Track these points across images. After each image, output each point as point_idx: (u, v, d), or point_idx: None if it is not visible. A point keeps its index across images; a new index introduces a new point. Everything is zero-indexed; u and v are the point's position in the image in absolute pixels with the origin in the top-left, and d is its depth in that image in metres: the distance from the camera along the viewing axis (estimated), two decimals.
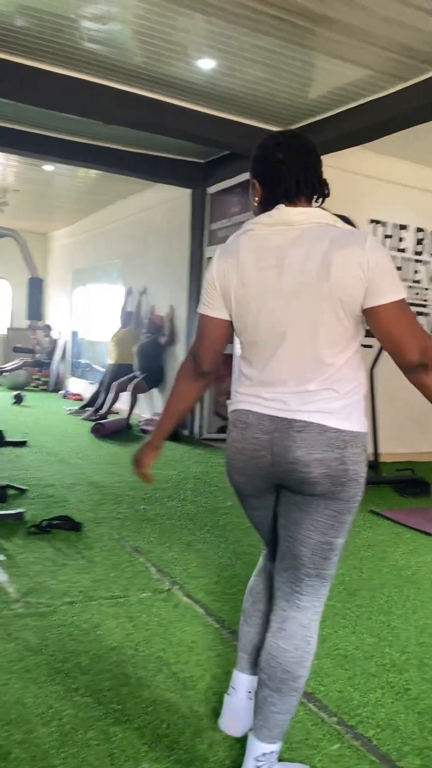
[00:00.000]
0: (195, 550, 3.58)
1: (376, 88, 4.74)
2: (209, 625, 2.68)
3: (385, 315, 1.54)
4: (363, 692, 2.23)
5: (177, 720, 2.01)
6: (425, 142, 5.78)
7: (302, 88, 4.86)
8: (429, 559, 3.67)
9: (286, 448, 1.59)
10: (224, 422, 7.35)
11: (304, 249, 1.56)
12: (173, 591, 3.01)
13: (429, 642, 2.64)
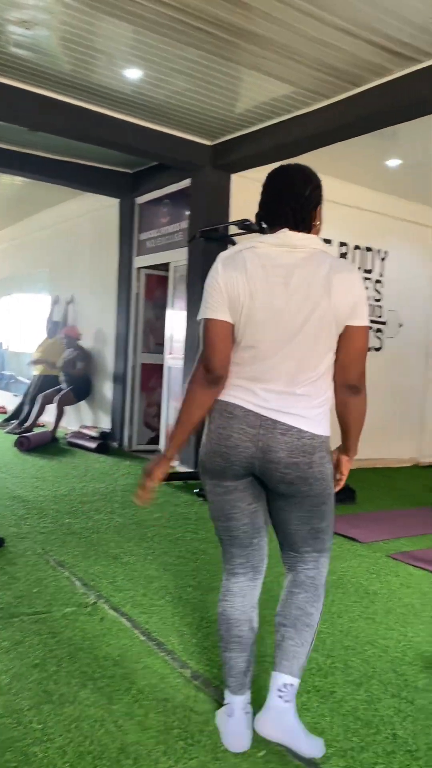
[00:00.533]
0: (122, 563, 3.52)
1: (300, 104, 4.86)
2: (135, 638, 2.63)
3: (358, 334, 1.81)
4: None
5: (101, 736, 1.96)
6: (347, 158, 5.96)
7: (229, 101, 4.93)
8: (354, 564, 3.74)
9: (270, 447, 1.79)
10: (154, 433, 7.30)
11: (309, 270, 1.77)
12: (99, 605, 2.94)
13: (353, 645, 2.68)
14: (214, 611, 2.94)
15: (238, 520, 1.94)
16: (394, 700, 2.27)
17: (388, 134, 5.26)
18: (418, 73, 4.11)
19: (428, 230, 7.63)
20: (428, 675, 2.46)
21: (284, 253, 1.79)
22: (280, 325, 1.78)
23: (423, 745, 2.01)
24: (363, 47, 3.93)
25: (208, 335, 1.83)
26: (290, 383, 1.80)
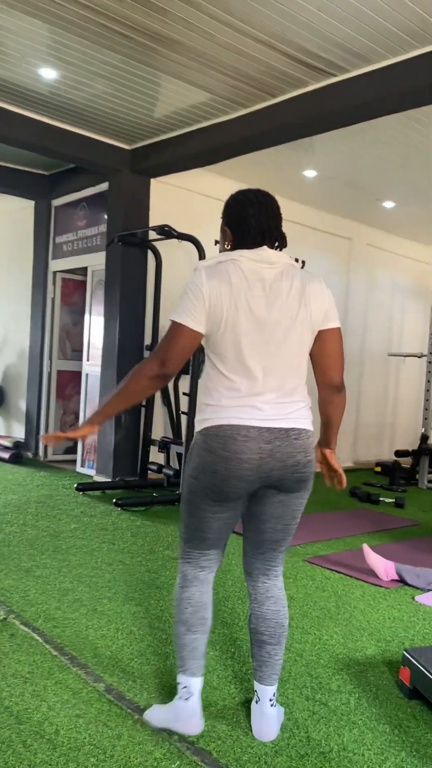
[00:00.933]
0: (35, 576, 3.40)
1: (218, 112, 4.90)
2: (47, 653, 2.54)
3: (332, 336, 1.97)
4: (204, 706, 2.20)
5: (9, 758, 1.86)
6: (264, 168, 6.06)
7: (147, 106, 4.90)
8: None
9: (289, 454, 1.91)
10: (70, 443, 7.13)
11: (285, 283, 1.92)
12: (9, 620, 2.82)
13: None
14: (131, 621, 2.88)
15: (220, 532, 2.04)
16: (308, 703, 2.28)
17: (305, 145, 5.39)
18: (332, 87, 4.23)
19: (344, 241, 7.85)
20: (342, 677, 2.49)
21: (263, 268, 1.92)
22: (263, 336, 1.89)
23: (336, 746, 2.02)
24: (279, 59, 4.00)
25: (175, 338, 1.91)
26: (287, 392, 1.93)
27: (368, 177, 6.16)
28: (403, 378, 8.95)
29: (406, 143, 5.19)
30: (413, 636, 2.93)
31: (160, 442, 5.73)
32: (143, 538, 4.25)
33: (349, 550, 4.24)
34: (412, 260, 8.82)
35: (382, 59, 3.92)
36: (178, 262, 6.22)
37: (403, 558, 4.12)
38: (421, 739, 2.10)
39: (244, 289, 1.88)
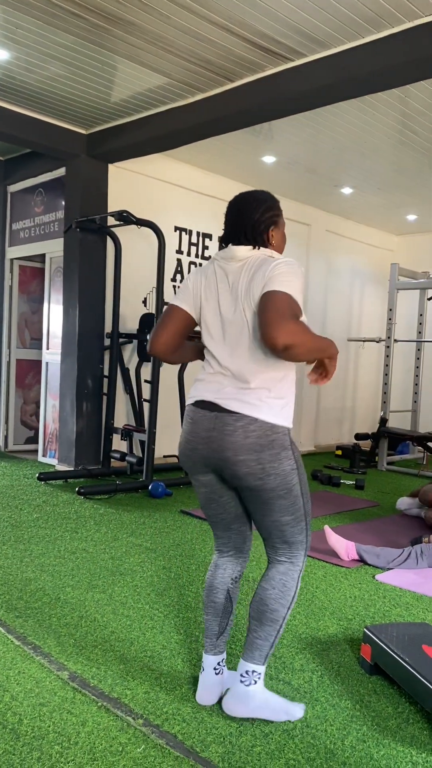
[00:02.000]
0: None
1: (176, 96, 4.85)
2: (10, 644, 2.52)
3: (264, 297, 1.87)
4: (169, 690, 2.22)
5: None
6: (223, 153, 6.04)
7: (104, 90, 4.82)
8: None
9: (221, 442, 1.96)
10: (32, 432, 7.04)
11: (247, 274, 1.97)
12: None
13: (233, 633, 2.71)
14: (94, 609, 2.87)
15: (210, 510, 2.15)
16: (272, 682, 2.31)
17: (263, 131, 5.38)
18: (289, 72, 4.22)
19: (304, 227, 7.89)
20: (305, 656, 2.54)
21: (228, 264, 2.02)
22: (224, 328, 2.00)
23: (299, 723, 2.06)
24: (236, 43, 3.97)
25: (163, 317, 2.10)
26: (240, 378, 1.96)
27: (326, 163, 6.19)
28: (362, 363, 9.08)
29: (363, 129, 5.23)
30: (374, 614, 3.00)
31: (122, 430, 5.71)
32: (107, 525, 4.24)
33: (311, 532, 4.30)
34: (370, 246, 8.92)
35: (339, 44, 3.94)
36: (138, 248, 6.17)
37: (364, 538, 4.20)
38: (381, 713, 2.15)
39: (214, 284, 2.04)
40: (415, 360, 8.19)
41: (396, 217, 8.21)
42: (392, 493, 5.96)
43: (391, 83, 4.02)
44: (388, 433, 7.30)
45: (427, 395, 8.43)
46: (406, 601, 3.18)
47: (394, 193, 7.09)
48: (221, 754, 1.88)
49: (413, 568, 3.64)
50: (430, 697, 2.04)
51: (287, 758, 1.88)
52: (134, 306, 6.23)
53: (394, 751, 1.95)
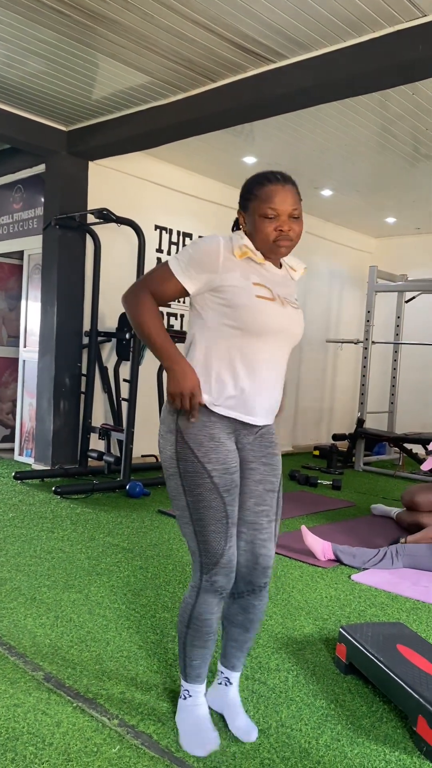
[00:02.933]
0: None
1: (157, 95, 4.84)
2: None
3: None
4: (145, 690, 2.22)
5: None
6: (204, 153, 6.04)
7: (85, 87, 4.80)
8: None
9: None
10: (8, 431, 6.98)
11: None
12: None
13: None
14: (70, 609, 2.86)
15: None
16: (248, 682, 2.32)
17: (244, 132, 5.39)
18: (271, 73, 4.24)
19: None
20: (280, 655, 2.55)
21: None
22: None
23: (274, 722, 2.07)
24: (218, 43, 3.98)
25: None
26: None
27: (307, 165, 6.22)
28: (340, 364, 9.14)
29: (344, 132, 5.27)
30: (349, 614, 3.02)
31: (100, 429, 5.68)
32: (83, 525, 4.22)
33: (288, 532, 4.32)
34: (349, 248, 8.98)
35: (321, 47, 3.96)
36: (118, 246, 6.15)
37: (340, 538, 4.23)
38: (356, 711, 2.17)
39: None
40: (392, 362, 8.26)
41: (375, 220, 8.28)
42: (369, 493, 6.01)
43: (372, 87, 4.05)
44: (365, 434, 7.35)
45: (404, 397, 8.51)
46: (382, 601, 3.21)
47: (373, 195, 7.15)
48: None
49: (389, 568, 3.67)
50: (404, 697, 2.06)
51: (262, 758, 1.89)
52: (113, 304, 6.20)
53: (368, 749, 1.96)
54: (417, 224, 8.32)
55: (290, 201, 1.85)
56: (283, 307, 1.89)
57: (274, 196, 1.83)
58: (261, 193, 1.85)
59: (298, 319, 1.95)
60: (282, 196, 1.84)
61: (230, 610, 2.02)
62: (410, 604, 3.20)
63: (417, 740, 1.98)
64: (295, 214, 1.86)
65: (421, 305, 8.15)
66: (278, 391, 1.97)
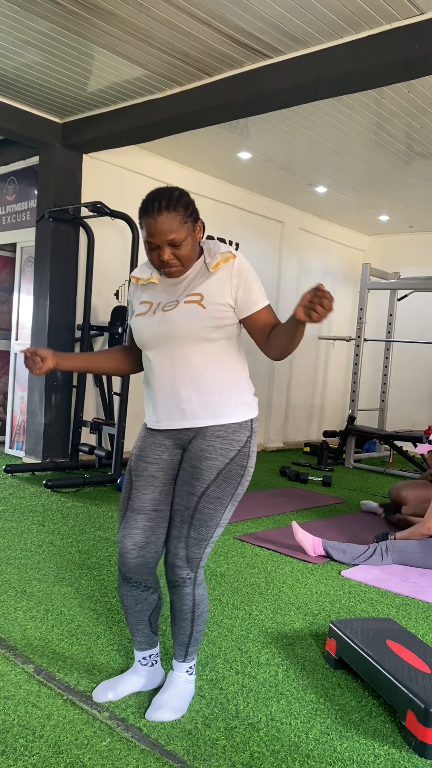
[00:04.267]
0: None
1: (153, 88, 4.82)
2: None
3: None
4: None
5: None
6: (199, 148, 6.02)
7: (80, 79, 4.77)
8: None
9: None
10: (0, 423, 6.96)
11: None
12: None
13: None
14: (60, 602, 2.86)
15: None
16: (238, 676, 2.33)
17: (239, 127, 5.38)
18: (268, 68, 4.23)
19: (277, 224, 7.92)
20: (270, 650, 2.56)
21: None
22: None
23: (264, 716, 2.08)
24: (215, 37, 3.96)
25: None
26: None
27: (301, 161, 6.22)
28: (332, 361, 9.16)
29: (339, 129, 5.27)
30: (339, 609, 3.03)
31: (91, 423, 5.67)
32: (74, 519, 4.21)
33: (278, 528, 4.34)
34: (342, 245, 8.99)
35: (318, 43, 3.95)
36: (111, 240, 6.13)
37: (330, 534, 4.25)
38: (345, 706, 2.19)
39: None
40: (384, 359, 8.29)
41: (368, 218, 8.30)
42: (359, 490, 6.03)
43: (368, 84, 4.05)
44: (356, 431, 7.38)
45: (395, 395, 8.55)
46: (371, 596, 3.23)
47: (367, 193, 7.16)
48: (186, 747, 1.89)
49: (378, 564, 3.69)
50: (394, 691, 2.08)
51: (252, 751, 1.90)
52: (106, 298, 6.18)
53: (357, 743, 1.98)
54: (410, 222, 8.34)
55: (165, 232, 1.87)
56: (154, 315, 1.97)
57: (150, 229, 1.89)
58: (142, 223, 1.92)
59: (176, 317, 1.92)
60: (156, 228, 1.87)
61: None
62: (400, 600, 3.22)
63: (406, 734, 2.00)
64: (174, 242, 1.89)
65: (413, 303, 8.18)
66: (184, 393, 1.94)
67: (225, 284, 1.93)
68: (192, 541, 1.97)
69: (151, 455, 2.01)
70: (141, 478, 2.00)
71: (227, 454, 1.94)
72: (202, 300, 1.91)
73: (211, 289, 1.93)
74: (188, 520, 1.96)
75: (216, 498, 1.94)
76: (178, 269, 1.94)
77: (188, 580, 2.00)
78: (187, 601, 2.03)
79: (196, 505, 1.95)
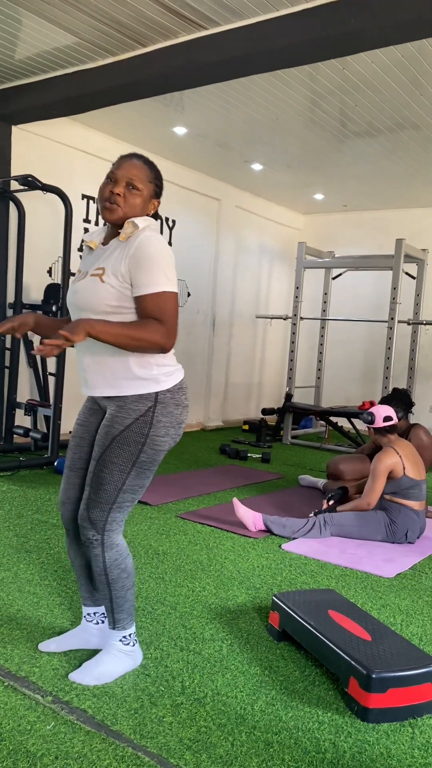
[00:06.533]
0: None
1: (85, 58, 4.66)
2: None
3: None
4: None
5: None
6: (134, 122, 5.89)
7: (8, 45, 4.55)
8: (144, 527, 3.78)
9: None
10: None
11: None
12: None
13: (143, 606, 2.70)
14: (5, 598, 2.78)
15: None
16: (183, 653, 2.33)
17: (174, 100, 5.28)
18: (204, 40, 4.14)
19: (214, 202, 7.86)
20: (215, 626, 2.57)
21: None
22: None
23: (209, 691, 2.09)
24: (149, 5, 3.85)
25: (175, 308, 1.93)
26: None
27: (237, 137, 6.17)
28: (269, 339, 9.22)
29: (275, 105, 5.24)
30: (281, 582, 3.07)
31: (26, 405, 5.52)
32: (10, 503, 4.10)
33: (219, 504, 4.35)
34: (278, 224, 9.02)
35: (254, 15, 3.89)
36: (43, 215, 5.94)
37: (270, 509, 4.30)
38: (289, 677, 2.22)
39: None
40: (319, 338, 8.41)
41: (303, 197, 8.34)
42: (297, 465, 6.12)
43: (303, 59, 4.03)
44: (293, 408, 7.48)
45: (330, 372, 8.70)
46: (312, 569, 3.29)
47: (302, 171, 7.19)
48: (133, 726, 1.88)
49: (317, 537, 3.76)
50: (336, 659, 2.12)
51: (199, 726, 1.90)
52: (39, 275, 6.00)
53: (302, 712, 2.01)
54: (344, 201, 8.43)
55: (131, 171, 1.99)
56: (76, 283, 2.03)
57: (119, 163, 2.03)
58: (114, 164, 2.05)
59: (86, 286, 1.97)
60: (125, 164, 2.01)
61: None
62: (339, 571, 3.29)
63: (348, 701, 2.05)
64: (133, 183, 1.99)
65: (347, 282, 8.31)
66: (86, 364, 2.02)
67: (124, 258, 1.94)
68: (92, 503, 2.03)
69: (82, 417, 2.17)
70: (74, 438, 2.16)
71: (123, 422, 1.99)
72: (103, 274, 1.95)
73: (113, 262, 1.96)
74: (90, 483, 2.05)
75: (111, 463, 2.00)
76: (118, 210, 1.99)
77: (95, 541, 2.05)
78: (98, 563, 2.07)
79: (94, 468, 2.04)
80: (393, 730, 1.95)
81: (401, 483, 3.79)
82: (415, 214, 8.39)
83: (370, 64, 4.35)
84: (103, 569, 2.07)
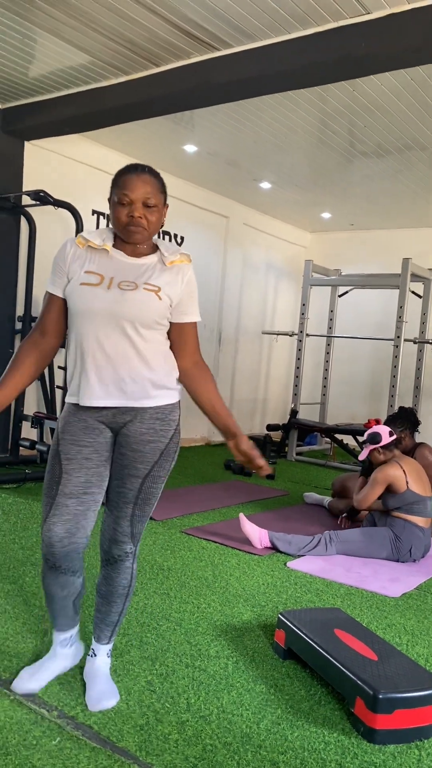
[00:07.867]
0: None
1: (98, 76, 4.73)
2: None
3: None
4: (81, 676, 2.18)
5: None
6: (145, 139, 5.96)
7: (23, 63, 4.63)
8: (149, 541, 3.78)
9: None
10: None
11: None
12: None
13: (148, 621, 2.70)
14: (4, 600, 2.78)
15: None
16: (188, 670, 2.32)
17: (185, 119, 5.35)
18: (215, 61, 4.21)
19: (222, 219, 7.93)
20: (220, 643, 2.56)
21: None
22: None
23: (215, 709, 2.08)
24: (162, 26, 3.91)
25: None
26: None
27: (246, 156, 6.23)
28: (275, 356, 9.24)
29: (285, 125, 5.30)
30: (286, 600, 3.07)
31: (33, 418, 5.54)
32: (16, 515, 4.11)
33: (224, 521, 4.35)
34: (285, 242, 9.07)
35: (266, 38, 3.96)
36: (54, 230, 5.99)
37: (276, 526, 4.29)
38: (295, 695, 2.21)
39: None
40: (325, 354, 8.43)
41: (311, 215, 8.40)
42: (301, 482, 6.12)
43: (313, 81, 4.08)
44: (298, 425, 7.48)
45: (335, 389, 8.70)
46: (317, 587, 3.28)
47: (310, 190, 7.24)
48: (138, 743, 1.87)
49: (323, 554, 3.75)
50: (343, 679, 2.11)
51: (204, 744, 1.89)
52: None
53: (308, 732, 2.00)
54: (351, 220, 8.49)
55: (144, 189, 1.93)
56: (109, 290, 1.94)
57: (129, 184, 1.93)
58: (119, 181, 1.96)
59: (140, 298, 1.95)
60: (136, 184, 1.93)
61: (98, 580, 2.16)
62: (344, 589, 3.28)
63: (354, 721, 2.04)
64: (149, 202, 1.94)
65: (353, 300, 8.34)
66: (126, 374, 1.96)
67: (177, 284, 2.02)
68: (136, 519, 2.06)
69: (86, 438, 1.99)
70: (74, 461, 1.98)
71: (167, 435, 2.03)
72: (159, 291, 1.98)
73: (167, 284, 2.01)
74: (133, 500, 2.03)
75: (158, 477, 2.05)
76: (144, 232, 1.96)
77: (130, 555, 2.09)
78: (126, 575, 2.10)
79: (141, 486, 2.02)
80: (399, 752, 1.94)
81: (405, 497, 3.79)
82: (422, 233, 8.44)
83: (380, 86, 4.40)
84: (129, 581, 2.11)
